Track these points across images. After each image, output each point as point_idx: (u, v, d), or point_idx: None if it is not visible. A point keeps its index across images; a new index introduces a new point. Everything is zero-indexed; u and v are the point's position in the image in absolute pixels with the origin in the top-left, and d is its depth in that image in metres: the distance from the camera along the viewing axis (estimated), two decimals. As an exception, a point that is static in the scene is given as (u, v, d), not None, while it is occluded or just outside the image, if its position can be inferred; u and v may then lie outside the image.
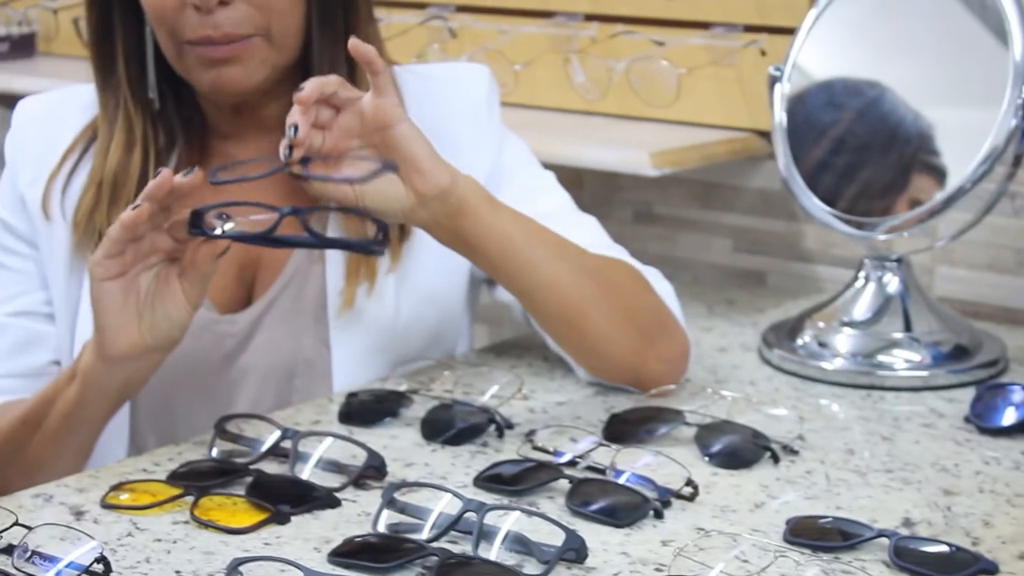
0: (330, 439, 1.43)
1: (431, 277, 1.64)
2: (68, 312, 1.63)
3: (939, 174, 1.70)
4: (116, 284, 1.41)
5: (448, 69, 1.80)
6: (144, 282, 1.43)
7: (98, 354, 1.44)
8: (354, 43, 1.42)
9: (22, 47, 2.83)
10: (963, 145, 1.69)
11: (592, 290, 1.54)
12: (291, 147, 1.40)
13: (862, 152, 1.74)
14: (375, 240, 1.45)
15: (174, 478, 1.39)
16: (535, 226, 1.53)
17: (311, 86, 1.41)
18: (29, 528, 1.25)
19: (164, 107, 1.63)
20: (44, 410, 1.51)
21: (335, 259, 1.62)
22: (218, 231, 1.40)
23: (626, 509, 1.32)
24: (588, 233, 1.64)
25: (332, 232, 1.58)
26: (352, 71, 1.60)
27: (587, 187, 2.22)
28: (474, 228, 1.48)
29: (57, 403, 1.50)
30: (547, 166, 1.77)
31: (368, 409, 1.55)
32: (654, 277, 1.64)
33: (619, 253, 1.65)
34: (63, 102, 1.70)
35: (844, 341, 1.74)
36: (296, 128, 1.40)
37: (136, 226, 1.40)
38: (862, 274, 1.78)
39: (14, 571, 1.22)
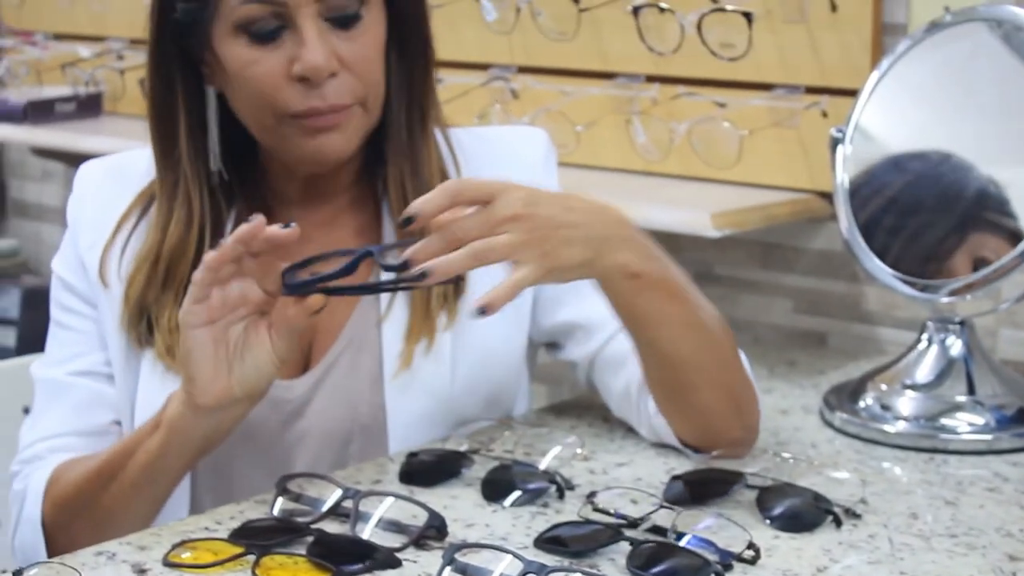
0: (391, 499, 1.43)
1: (488, 338, 1.64)
2: (124, 376, 1.63)
3: (1003, 236, 1.69)
4: (206, 332, 1.43)
5: (505, 132, 1.81)
6: (234, 334, 1.44)
7: (187, 404, 1.46)
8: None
9: (89, 107, 2.86)
10: (1027, 207, 1.68)
11: (706, 368, 1.54)
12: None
13: (924, 213, 1.74)
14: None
15: (236, 536, 1.40)
16: (675, 306, 1.50)
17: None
18: (92, 586, 1.26)
19: (226, 177, 1.63)
20: (122, 462, 1.52)
21: (394, 321, 1.62)
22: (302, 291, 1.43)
23: (687, 572, 1.31)
24: None
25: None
26: (423, 126, 1.63)
27: (648, 247, 2.22)
28: (610, 297, 1.48)
29: (137, 454, 1.50)
30: (608, 227, 1.77)
31: (429, 469, 1.55)
32: None
33: None
34: (123, 166, 1.71)
35: (907, 404, 1.73)
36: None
37: (219, 266, 1.42)
38: (925, 336, 1.77)
39: (77, 629, 1.22)
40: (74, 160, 1.84)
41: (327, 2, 1.54)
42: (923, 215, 1.74)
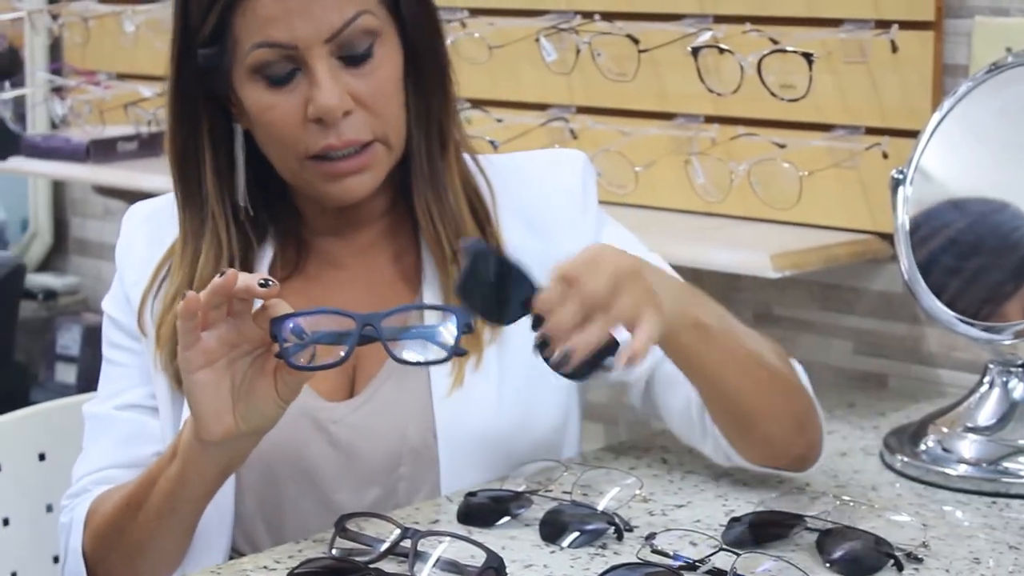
0: (449, 539, 1.43)
1: (530, 353, 1.64)
2: (169, 413, 1.64)
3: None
4: (206, 374, 1.43)
5: (542, 156, 1.80)
6: (240, 369, 1.44)
7: (196, 436, 1.46)
8: None
9: (150, 146, 2.89)
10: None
11: (768, 401, 1.56)
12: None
13: (987, 255, 1.73)
14: (456, 346, 1.45)
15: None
16: (730, 344, 1.53)
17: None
18: (151, 623, 1.27)
19: (254, 212, 1.63)
20: (146, 491, 1.52)
21: None
22: (298, 358, 1.41)
23: (747, 615, 1.31)
24: None
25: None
26: (444, 154, 1.63)
27: (707, 288, 2.19)
28: (675, 349, 1.52)
29: (159, 482, 1.51)
30: (667, 267, 1.77)
31: (487, 509, 1.55)
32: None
33: None
34: (168, 207, 1.70)
35: (968, 447, 1.71)
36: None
37: (192, 315, 1.41)
38: (986, 379, 1.76)
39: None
40: (135, 198, 1.85)
41: (338, 41, 1.54)
42: (985, 256, 1.73)
